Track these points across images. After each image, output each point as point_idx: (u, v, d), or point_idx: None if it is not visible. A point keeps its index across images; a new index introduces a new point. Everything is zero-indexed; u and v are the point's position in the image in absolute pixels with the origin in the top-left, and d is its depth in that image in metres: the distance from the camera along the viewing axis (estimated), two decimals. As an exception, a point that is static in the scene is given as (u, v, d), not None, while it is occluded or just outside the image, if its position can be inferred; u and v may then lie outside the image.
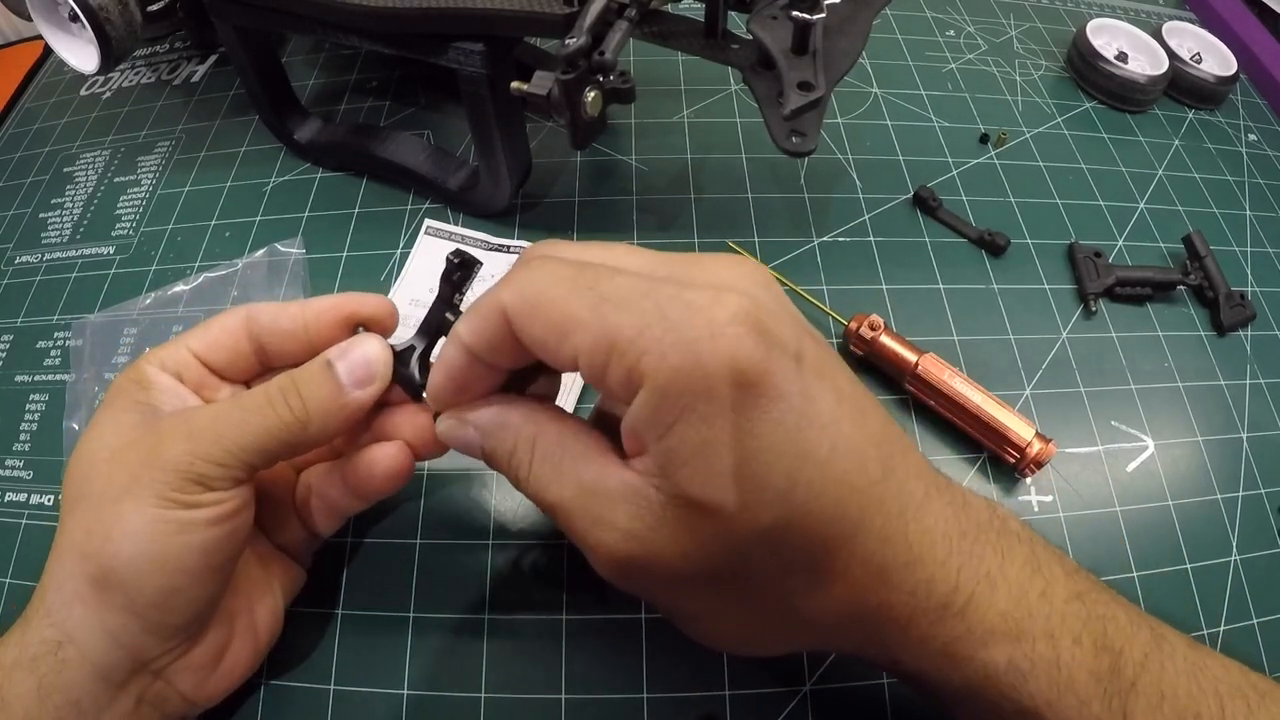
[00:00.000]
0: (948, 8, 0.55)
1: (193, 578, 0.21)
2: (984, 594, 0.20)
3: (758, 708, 0.28)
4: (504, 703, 0.27)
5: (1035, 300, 0.39)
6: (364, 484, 0.25)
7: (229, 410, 0.22)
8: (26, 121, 0.49)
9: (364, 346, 0.24)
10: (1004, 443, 0.32)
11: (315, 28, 0.35)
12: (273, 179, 0.43)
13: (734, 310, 0.17)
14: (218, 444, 0.21)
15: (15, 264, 0.41)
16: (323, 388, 0.23)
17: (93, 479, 0.22)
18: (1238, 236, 0.43)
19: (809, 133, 0.30)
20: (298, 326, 0.24)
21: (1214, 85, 0.49)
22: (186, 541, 0.21)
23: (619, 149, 0.44)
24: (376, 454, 0.24)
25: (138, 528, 0.21)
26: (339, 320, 0.25)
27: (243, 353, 0.25)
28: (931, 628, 0.20)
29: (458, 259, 0.24)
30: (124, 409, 0.23)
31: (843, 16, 0.33)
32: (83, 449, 0.22)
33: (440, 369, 0.22)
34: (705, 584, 0.20)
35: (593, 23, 0.29)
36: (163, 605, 0.21)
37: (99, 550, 0.21)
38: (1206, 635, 0.30)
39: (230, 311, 0.25)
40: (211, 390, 0.25)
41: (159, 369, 0.24)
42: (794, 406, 0.18)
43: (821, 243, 0.40)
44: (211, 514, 0.21)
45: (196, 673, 0.23)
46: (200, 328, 0.25)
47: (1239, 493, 0.34)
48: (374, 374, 0.23)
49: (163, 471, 0.21)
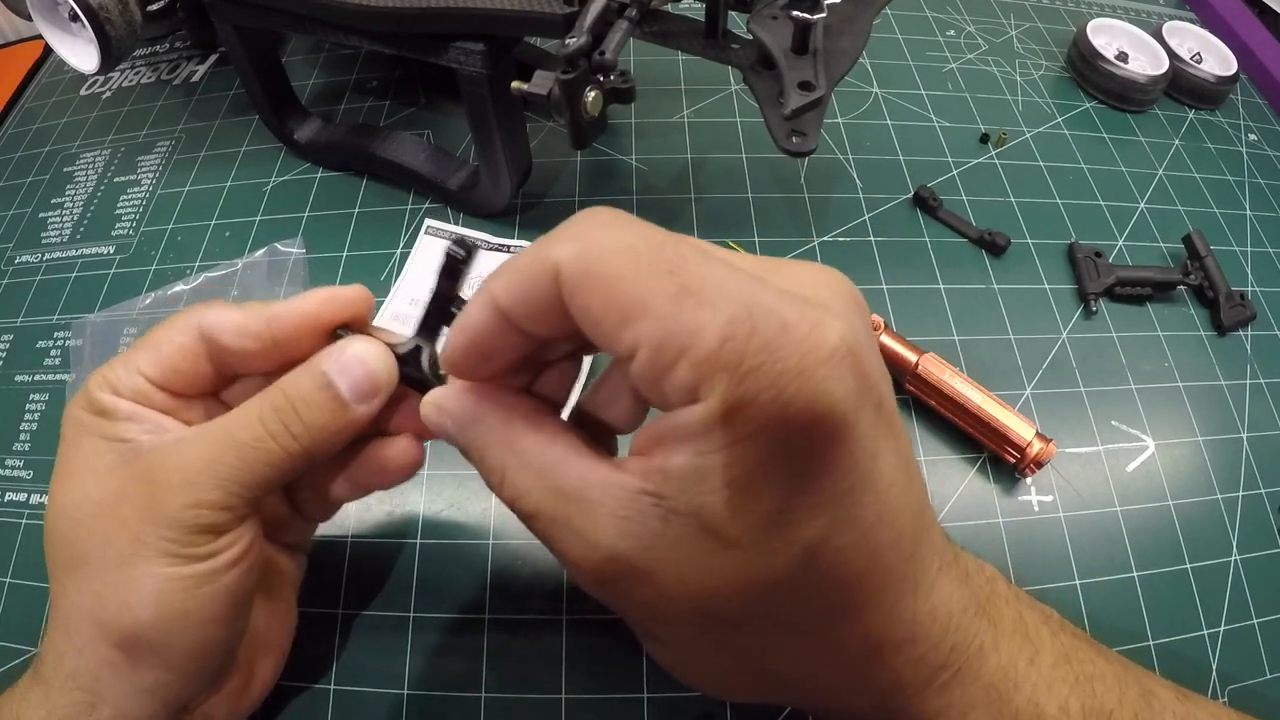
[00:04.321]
0: (948, 8, 0.55)
1: (222, 624, 0.20)
2: (971, 669, 0.19)
3: (757, 708, 0.28)
4: (504, 703, 0.27)
5: (1035, 300, 0.39)
6: (374, 479, 0.23)
7: (223, 447, 0.20)
8: (26, 121, 0.49)
9: (360, 354, 0.21)
10: (1004, 443, 0.32)
11: (315, 28, 0.35)
12: (273, 179, 0.43)
13: (834, 345, 0.15)
14: (220, 487, 0.20)
15: (15, 264, 0.41)
16: (324, 407, 0.20)
17: (85, 539, 0.20)
18: (1238, 236, 0.43)
19: (809, 133, 0.30)
20: (266, 346, 0.21)
21: (1214, 85, 0.49)
22: (208, 592, 0.20)
23: (619, 149, 0.44)
24: (388, 451, 0.23)
25: (154, 590, 0.19)
26: (315, 331, 0.22)
27: (203, 373, 0.22)
28: (909, 701, 0.19)
29: (462, 248, 0.21)
30: (96, 450, 0.20)
31: (843, 16, 0.33)
32: (62, 503, 0.20)
33: (462, 332, 0.18)
34: (691, 615, 0.18)
35: (593, 22, 0.29)
36: (197, 656, 0.20)
37: (119, 617, 0.19)
38: (1206, 635, 0.30)
39: (178, 328, 0.21)
40: (182, 411, 0.22)
41: (113, 394, 0.21)
42: (859, 465, 0.16)
43: (822, 243, 0.40)
44: (228, 558, 0.20)
45: (231, 698, 0.23)
46: (148, 347, 0.21)
47: (1239, 493, 0.34)
48: (378, 384, 0.21)
49: (167, 528, 0.19)
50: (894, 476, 0.17)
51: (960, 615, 0.19)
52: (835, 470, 0.16)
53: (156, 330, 0.22)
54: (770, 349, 0.15)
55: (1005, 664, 0.19)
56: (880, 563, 0.17)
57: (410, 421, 0.23)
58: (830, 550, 0.16)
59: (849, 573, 0.17)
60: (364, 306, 0.23)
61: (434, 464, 0.32)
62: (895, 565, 0.17)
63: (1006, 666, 0.19)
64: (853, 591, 0.17)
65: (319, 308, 0.22)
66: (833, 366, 0.15)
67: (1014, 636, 0.20)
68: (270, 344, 0.21)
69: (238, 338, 0.21)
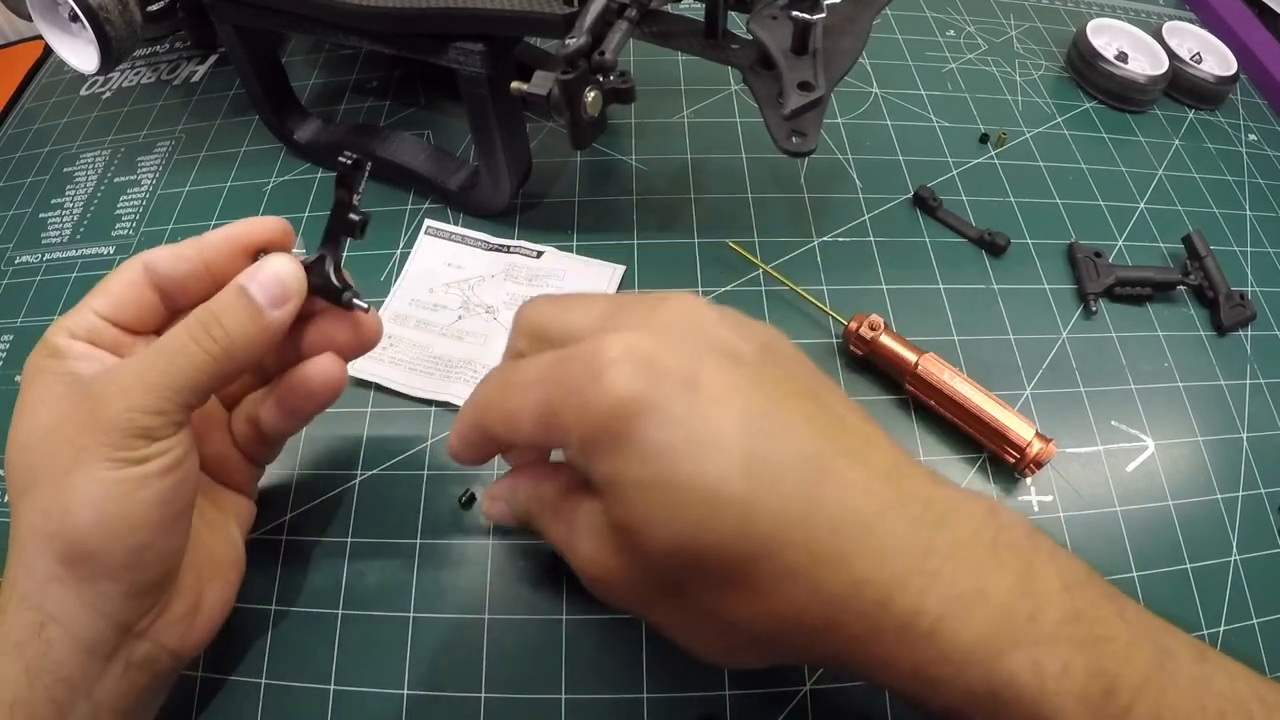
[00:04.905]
0: (948, 8, 0.55)
1: (158, 530, 0.22)
2: (957, 616, 0.19)
3: (758, 708, 0.28)
4: (504, 703, 0.27)
5: (1035, 300, 0.39)
6: (302, 402, 0.25)
7: (154, 358, 0.22)
8: (26, 121, 0.49)
9: (272, 265, 0.24)
10: (1004, 443, 0.32)
11: (315, 28, 0.35)
12: (273, 179, 0.43)
13: (618, 350, 0.19)
14: (151, 392, 0.21)
15: (15, 264, 0.41)
16: (241, 313, 0.23)
17: (35, 461, 0.22)
18: (1238, 236, 0.43)
19: (809, 133, 0.30)
20: (197, 266, 0.24)
21: (1214, 85, 0.49)
22: (144, 496, 0.21)
23: (619, 149, 0.44)
24: (310, 370, 0.25)
25: (93, 494, 0.21)
26: (238, 251, 0.25)
27: (149, 303, 0.24)
28: (895, 649, 0.19)
29: (349, 160, 0.25)
30: (47, 385, 0.22)
31: (843, 16, 0.33)
32: (16, 434, 0.22)
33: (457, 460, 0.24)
34: (657, 597, 0.21)
35: (593, 23, 0.29)
36: (135, 564, 0.21)
37: (60, 526, 0.21)
38: (1206, 635, 0.30)
39: (126, 265, 0.24)
40: (128, 349, 0.24)
41: (69, 338, 0.23)
42: (681, 429, 0.18)
43: (821, 243, 0.40)
44: (162, 464, 0.21)
45: (179, 625, 0.23)
46: (100, 288, 0.24)
47: (1239, 493, 0.34)
48: (289, 290, 0.24)
49: (105, 434, 0.21)
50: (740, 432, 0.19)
51: (925, 557, 0.19)
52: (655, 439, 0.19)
53: (110, 272, 0.25)
54: (570, 382, 0.20)
55: (1001, 617, 0.19)
56: (756, 505, 0.18)
57: (329, 343, 0.26)
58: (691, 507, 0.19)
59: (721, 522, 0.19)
60: (280, 232, 0.25)
61: (434, 464, 0.32)
62: (781, 505, 0.19)
63: (1002, 620, 0.19)
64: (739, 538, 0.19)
65: (239, 231, 0.25)
66: (613, 365, 0.19)
67: (1013, 589, 0.19)
68: (201, 265, 0.24)
69: (172, 261, 0.24)
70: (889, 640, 0.19)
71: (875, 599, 0.19)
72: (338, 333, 0.26)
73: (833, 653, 0.20)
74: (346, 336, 0.26)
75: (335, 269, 0.25)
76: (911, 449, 0.34)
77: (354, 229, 0.25)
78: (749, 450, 0.19)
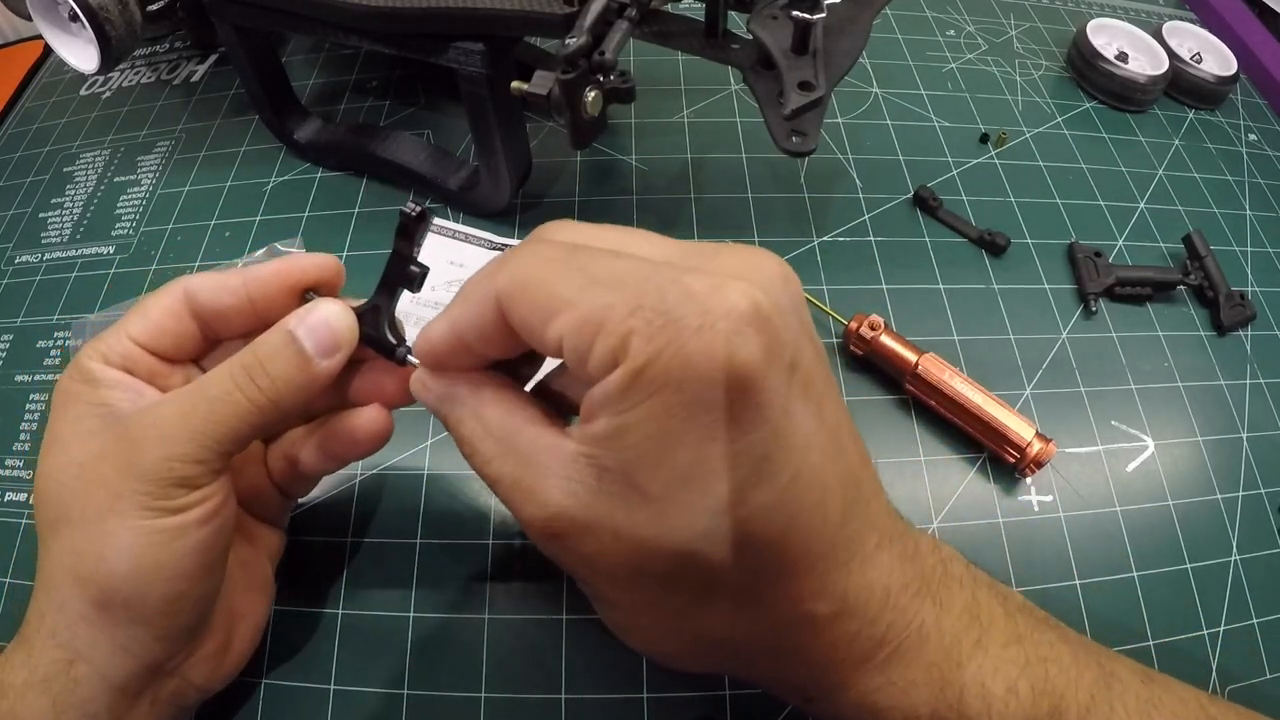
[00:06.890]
0: (948, 8, 0.55)
1: (194, 579, 0.21)
2: (911, 647, 0.19)
3: (757, 708, 0.28)
4: (504, 703, 0.27)
5: (1035, 300, 0.39)
6: (345, 450, 0.24)
7: (195, 402, 0.21)
8: (26, 121, 0.49)
9: (324, 311, 0.22)
10: (1004, 443, 0.32)
11: (315, 28, 0.35)
12: (273, 179, 0.43)
13: (735, 302, 0.16)
14: (193, 440, 0.20)
15: (15, 264, 0.41)
16: (289, 361, 0.21)
17: (68, 499, 0.21)
18: (1238, 236, 0.43)
19: (809, 133, 0.30)
20: (242, 301, 0.23)
21: (1214, 85, 0.49)
22: (181, 546, 0.20)
23: (619, 149, 0.44)
24: (357, 420, 0.24)
25: (129, 543, 0.20)
26: (285, 290, 0.23)
27: (188, 332, 0.23)
28: (847, 677, 0.19)
29: (414, 212, 0.22)
30: (80, 416, 0.21)
31: (843, 16, 0.33)
32: (48, 466, 0.21)
33: (428, 355, 0.21)
34: (628, 571, 0.19)
35: (593, 22, 0.29)
36: (170, 611, 0.21)
37: (94, 571, 0.20)
38: (1206, 635, 0.30)
39: (166, 290, 0.23)
40: (164, 378, 0.23)
41: (103, 364, 0.22)
42: (770, 420, 0.16)
43: (821, 243, 0.40)
44: (200, 513, 0.21)
45: (209, 661, 0.23)
46: (137, 313, 0.23)
47: (1239, 493, 0.34)
48: (340, 340, 0.22)
49: (142, 482, 0.20)
50: (813, 438, 0.17)
51: (900, 593, 0.19)
52: (742, 423, 0.16)
53: (147, 296, 0.23)
54: (674, 313, 0.16)
55: (949, 644, 0.19)
56: (802, 524, 0.17)
57: (377, 392, 0.24)
58: (746, 508, 0.17)
59: (769, 532, 0.17)
60: (332, 272, 0.24)
61: (434, 465, 0.32)
62: (820, 530, 0.18)
63: (950, 647, 0.19)
64: (775, 553, 0.17)
65: (290, 267, 0.23)
66: (733, 322, 0.16)
67: (961, 617, 0.20)
68: (245, 300, 0.23)
69: (216, 292, 0.23)
70: (844, 669, 0.19)
71: (849, 631, 0.19)
72: (387, 383, 0.24)
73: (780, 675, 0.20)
74: (396, 389, 0.24)
75: (390, 323, 0.23)
76: (911, 449, 0.34)
77: (412, 282, 0.23)
78: (811, 462, 0.17)
